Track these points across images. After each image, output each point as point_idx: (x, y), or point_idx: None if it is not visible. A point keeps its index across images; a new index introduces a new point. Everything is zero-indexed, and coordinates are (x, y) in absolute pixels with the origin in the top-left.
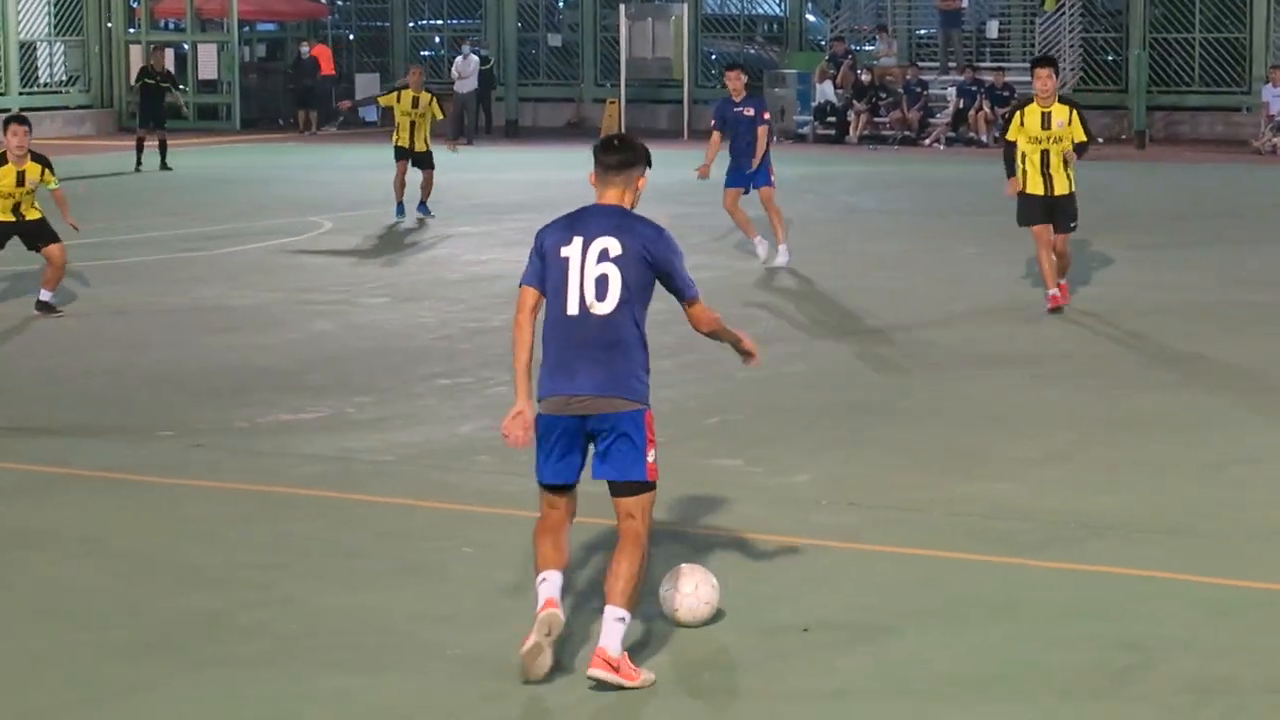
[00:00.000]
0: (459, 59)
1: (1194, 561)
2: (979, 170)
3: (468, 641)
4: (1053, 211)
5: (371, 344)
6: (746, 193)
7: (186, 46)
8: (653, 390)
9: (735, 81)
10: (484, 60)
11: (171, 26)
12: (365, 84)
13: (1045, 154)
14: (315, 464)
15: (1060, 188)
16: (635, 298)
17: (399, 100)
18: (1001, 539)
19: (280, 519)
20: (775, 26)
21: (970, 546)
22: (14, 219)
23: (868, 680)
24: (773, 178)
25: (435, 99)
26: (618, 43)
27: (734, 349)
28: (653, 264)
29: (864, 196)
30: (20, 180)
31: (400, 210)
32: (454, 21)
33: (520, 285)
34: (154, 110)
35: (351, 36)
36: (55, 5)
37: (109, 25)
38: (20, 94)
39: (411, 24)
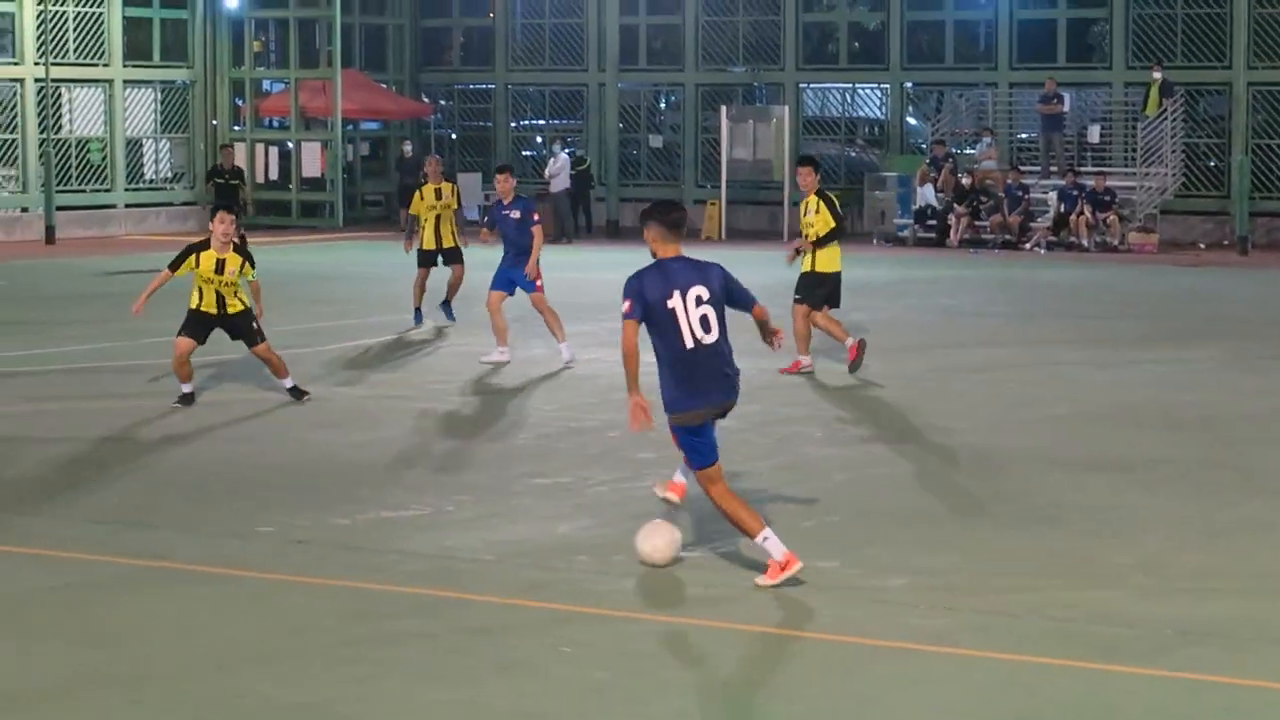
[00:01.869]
0: (550, 159)
1: None
2: (1080, 274)
3: None
4: (797, 286)
5: (470, 442)
6: (511, 294)
7: (291, 144)
8: (748, 494)
9: (503, 184)
10: (580, 160)
11: (276, 124)
12: (467, 184)
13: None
14: (415, 561)
15: (804, 265)
16: (724, 322)
17: (421, 197)
18: (1097, 645)
19: (380, 615)
20: (876, 129)
21: (1066, 652)
22: (217, 312)
23: None
24: (539, 281)
25: (456, 188)
26: (718, 144)
27: (762, 332)
28: (726, 295)
29: (963, 299)
30: (220, 268)
31: (419, 317)
32: (556, 121)
33: (627, 319)
34: (227, 207)
35: (454, 136)
36: (162, 103)
37: (214, 123)
38: (126, 190)
39: (514, 124)
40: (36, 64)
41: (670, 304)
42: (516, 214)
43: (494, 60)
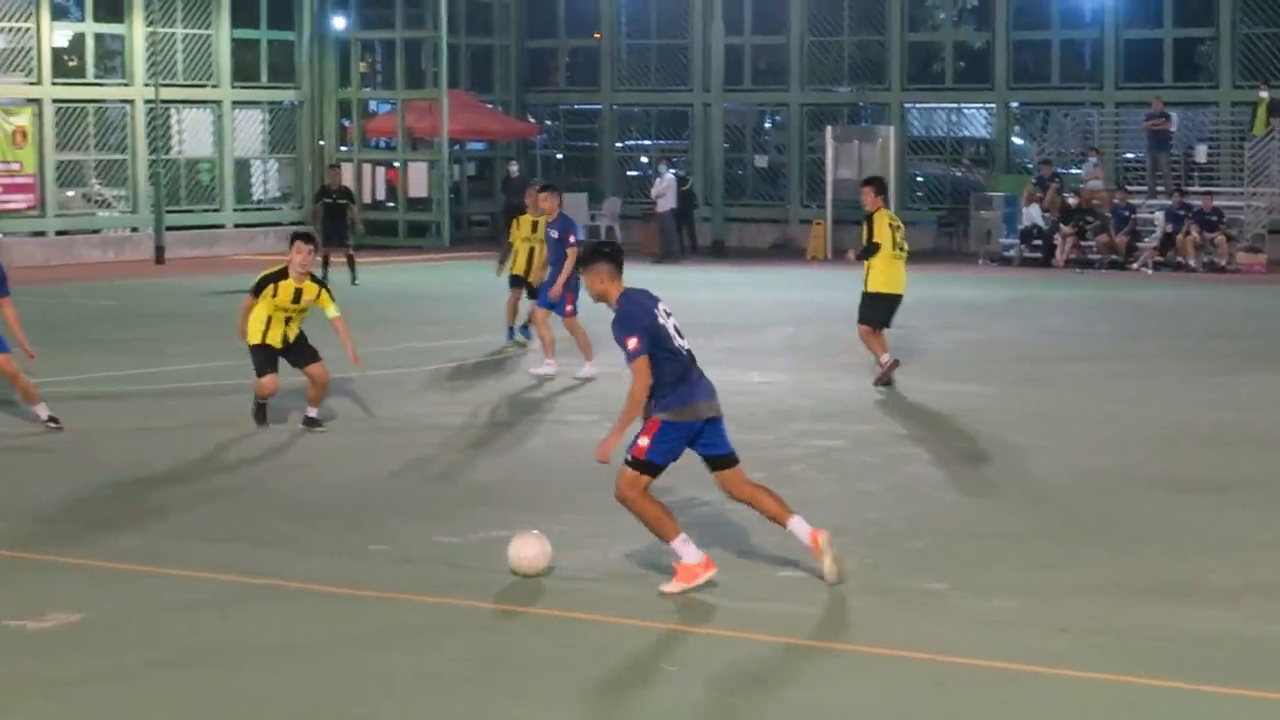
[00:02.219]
0: (657, 179)
1: None
2: (1187, 295)
3: None
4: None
5: (579, 461)
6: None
7: (397, 164)
8: (858, 512)
9: (544, 202)
10: (682, 180)
11: (383, 145)
12: (573, 205)
13: None
14: (525, 580)
15: (864, 284)
16: None
17: (518, 227)
18: (1211, 667)
19: (491, 634)
20: (982, 149)
21: (1178, 674)
22: (281, 344)
23: None
24: (569, 306)
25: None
26: (823, 164)
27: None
28: None
29: (1069, 320)
30: (296, 298)
31: (511, 334)
32: (661, 142)
33: (639, 356)
34: (335, 228)
35: (559, 156)
36: (270, 124)
37: (321, 143)
38: (235, 210)
39: (619, 144)
40: (146, 85)
41: (660, 320)
42: (555, 233)
43: (600, 80)
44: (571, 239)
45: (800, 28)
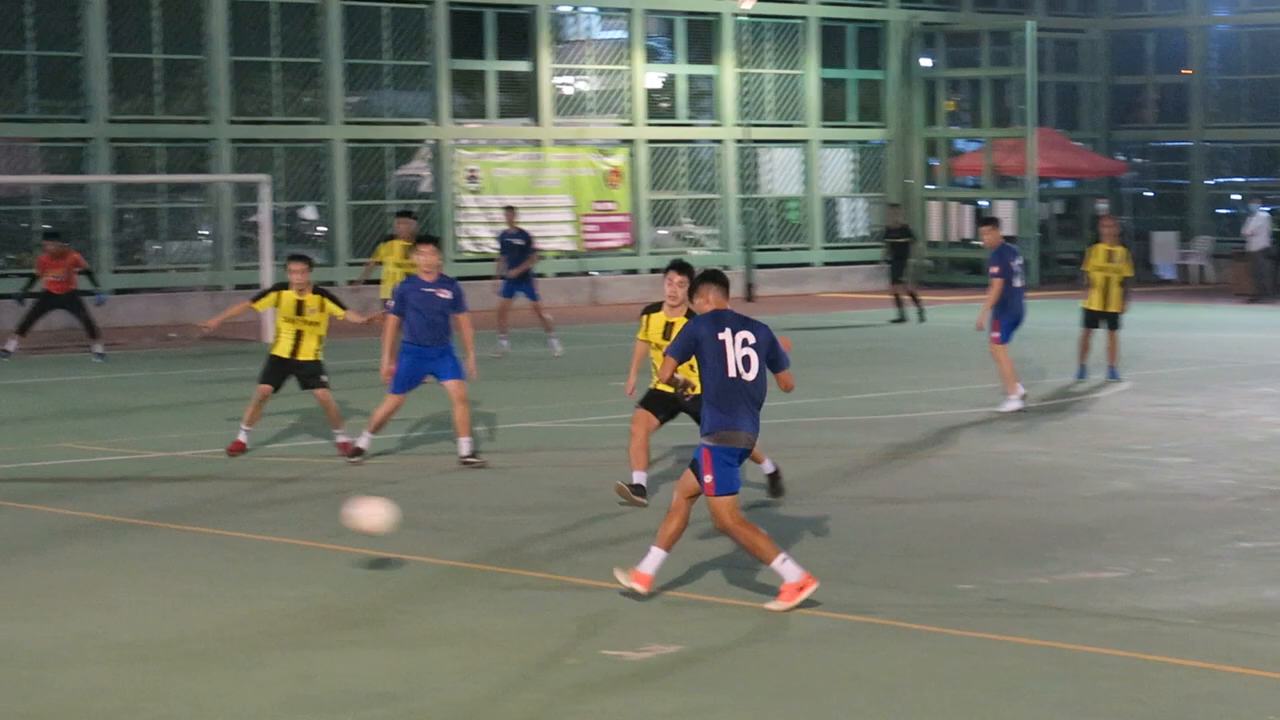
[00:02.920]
0: (1249, 217)
1: None
2: None
3: None
4: None
5: (1170, 504)
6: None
7: (984, 203)
8: None
9: (986, 236)
10: (1278, 219)
11: (971, 183)
12: (1162, 243)
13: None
14: (1115, 623)
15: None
16: (764, 370)
17: (1093, 257)
18: None
19: (1080, 677)
20: None
21: None
22: (668, 390)
23: None
24: (995, 334)
25: (1129, 252)
26: None
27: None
28: (769, 349)
29: None
30: (667, 333)
31: (1082, 373)
32: (1255, 179)
33: (667, 354)
34: (897, 265)
35: (1148, 194)
36: (858, 163)
37: (908, 181)
38: (823, 248)
39: (1210, 181)
40: (736, 125)
41: (721, 336)
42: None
43: (1189, 117)
44: (995, 270)
45: None
